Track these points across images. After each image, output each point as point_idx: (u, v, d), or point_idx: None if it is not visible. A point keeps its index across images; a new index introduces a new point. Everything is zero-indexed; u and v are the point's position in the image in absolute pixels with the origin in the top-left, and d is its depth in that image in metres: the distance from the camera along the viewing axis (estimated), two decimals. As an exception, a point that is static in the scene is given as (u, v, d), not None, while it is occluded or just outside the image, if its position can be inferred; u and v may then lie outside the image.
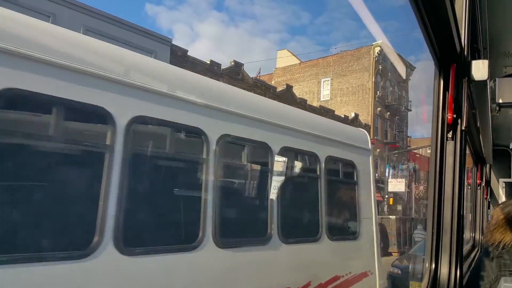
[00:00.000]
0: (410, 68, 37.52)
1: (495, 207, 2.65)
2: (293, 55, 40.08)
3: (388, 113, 33.77)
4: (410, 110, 37.79)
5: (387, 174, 31.41)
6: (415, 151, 44.26)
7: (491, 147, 4.69)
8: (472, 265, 2.65)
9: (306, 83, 36.50)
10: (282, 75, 38.45)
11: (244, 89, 22.91)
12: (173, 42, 17.69)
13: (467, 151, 3.61)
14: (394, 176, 30.51)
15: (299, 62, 37.98)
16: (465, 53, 1.87)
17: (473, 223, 5.30)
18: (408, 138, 37.23)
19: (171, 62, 16.88)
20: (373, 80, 32.14)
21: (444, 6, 1.41)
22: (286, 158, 4.79)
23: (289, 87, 23.90)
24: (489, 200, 6.23)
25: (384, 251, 14.88)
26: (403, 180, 28.09)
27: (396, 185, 27.71)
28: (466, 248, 4.34)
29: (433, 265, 1.82)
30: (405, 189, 27.51)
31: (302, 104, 24.88)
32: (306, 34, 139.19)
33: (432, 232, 1.83)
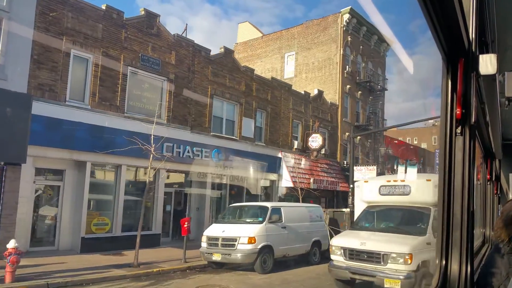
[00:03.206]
0: (387, 42, 33.36)
1: (505, 202, 2.52)
2: (255, 27, 35.72)
3: (360, 92, 29.69)
4: (387, 90, 33.72)
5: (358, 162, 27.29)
6: (392, 135, 40.26)
7: (500, 141, 4.79)
8: (483, 262, 2.69)
9: (269, 58, 32.20)
10: (243, 50, 34.02)
11: (161, 48, 17.15)
12: None
13: (476, 146, 3.24)
14: (366, 163, 26.39)
15: (262, 35, 33.68)
16: (473, 47, 1.87)
17: (483, 219, 5.35)
18: (385, 122, 33.22)
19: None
20: (341, 53, 27.95)
21: (452, 0, 1.41)
22: None
23: (228, 51, 19.45)
24: (499, 195, 6.20)
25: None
26: (374, 168, 23.94)
27: (366, 173, 23.48)
28: (476, 244, 4.38)
29: (444, 262, 1.84)
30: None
31: (247, 73, 20.54)
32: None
33: (442, 229, 1.84)
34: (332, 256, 9.36)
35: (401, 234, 8.96)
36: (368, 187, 10.68)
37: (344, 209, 17.43)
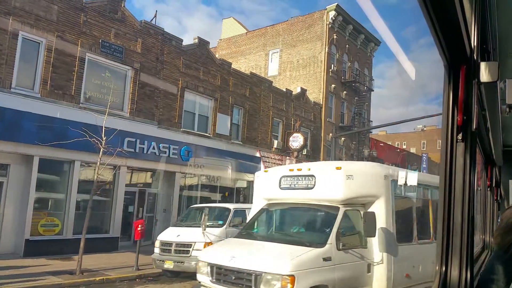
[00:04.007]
0: (374, 42, 32.47)
1: (505, 209, 2.45)
2: (240, 23, 34.57)
3: (345, 92, 28.66)
4: (373, 91, 32.78)
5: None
6: (382, 139, 39.44)
7: (501, 148, 4.82)
8: (483, 268, 2.73)
9: (253, 56, 31.06)
10: (227, 47, 32.84)
11: (125, 34, 14.99)
12: None
13: (477, 153, 3.12)
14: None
15: (246, 32, 32.52)
16: (475, 54, 1.89)
17: (483, 225, 5.36)
18: (370, 123, 32.20)
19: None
20: (326, 50, 26.90)
21: (454, 8, 1.43)
22: None
23: (203, 42, 18.25)
24: (499, 202, 6.24)
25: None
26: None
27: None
28: (476, 250, 4.42)
29: (443, 268, 1.84)
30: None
31: (224, 67, 19.34)
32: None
33: (443, 235, 1.85)
34: (198, 276, 6.81)
35: (293, 244, 6.42)
36: (268, 179, 8.07)
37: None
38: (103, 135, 10.99)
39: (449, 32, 1.57)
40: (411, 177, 7.82)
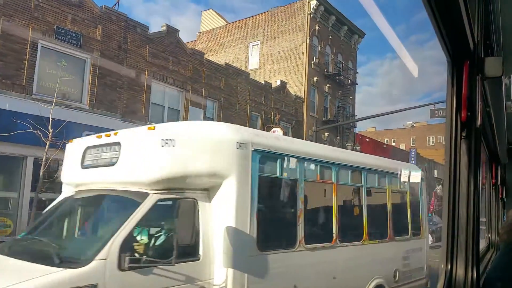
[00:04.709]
0: (358, 34, 31.70)
1: (510, 207, 2.72)
2: (220, 15, 33.54)
3: (328, 85, 27.87)
4: (357, 84, 32.01)
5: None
6: (371, 136, 38.83)
7: (506, 145, 4.77)
8: (488, 266, 2.72)
9: (233, 49, 30.09)
10: (206, 40, 31.83)
11: (84, 20, 13.09)
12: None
13: (482, 150, 3.32)
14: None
15: (225, 24, 31.52)
16: (478, 50, 1.87)
17: (488, 224, 5.25)
18: (355, 118, 31.42)
19: None
20: (308, 42, 26.02)
21: (457, 2, 1.41)
22: None
23: (172, 30, 17.24)
24: (505, 199, 6.20)
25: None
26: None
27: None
28: (481, 248, 4.32)
29: (449, 266, 1.83)
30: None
31: (196, 57, 18.35)
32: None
33: (448, 233, 1.84)
34: None
35: (39, 262, 3.77)
36: (72, 155, 5.33)
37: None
38: (49, 128, 10.02)
39: (452, 27, 1.56)
40: (291, 145, 5.76)
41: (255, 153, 4.92)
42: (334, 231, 5.98)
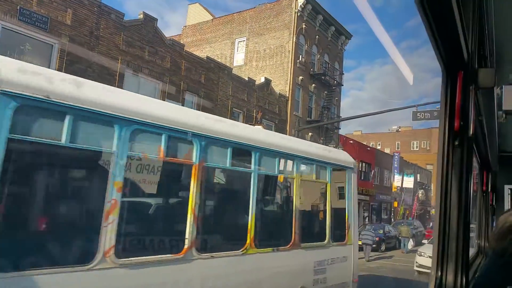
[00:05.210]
0: (345, 35, 31.30)
1: (500, 214, 2.51)
2: (206, 10, 32.80)
3: (314, 85, 27.37)
4: (342, 85, 31.57)
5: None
6: (357, 139, 38.53)
7: (497, 153, 4.87)
8: (477, 273, 2.73)
9: (219, 44, 29.39)
10: (192, 34, 31.05)
11: (52, 3, 11.79)
12: None
13: (473, 158, 3.29)
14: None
15: (212, 18, 30.81)
16: (472, 60, 1.90)
17: (478, 230, 5.23)
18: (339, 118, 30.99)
19: None
20: (294, 40, 25.47)
21: (453, 14, 1.44)
22: None
23: (150, 19, 16.49)
24: (495, 207, 6.25)
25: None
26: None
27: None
28: (471, 255, 4.22)
29: (439, 273, 1.84)
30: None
31: (175, 48, 17.62)
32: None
33: (439, 240, 1.84)
34: None
35: None
36: None
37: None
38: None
39: (447, 38, 1.58)
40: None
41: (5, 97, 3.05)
42: (187, 236, 4.00)
